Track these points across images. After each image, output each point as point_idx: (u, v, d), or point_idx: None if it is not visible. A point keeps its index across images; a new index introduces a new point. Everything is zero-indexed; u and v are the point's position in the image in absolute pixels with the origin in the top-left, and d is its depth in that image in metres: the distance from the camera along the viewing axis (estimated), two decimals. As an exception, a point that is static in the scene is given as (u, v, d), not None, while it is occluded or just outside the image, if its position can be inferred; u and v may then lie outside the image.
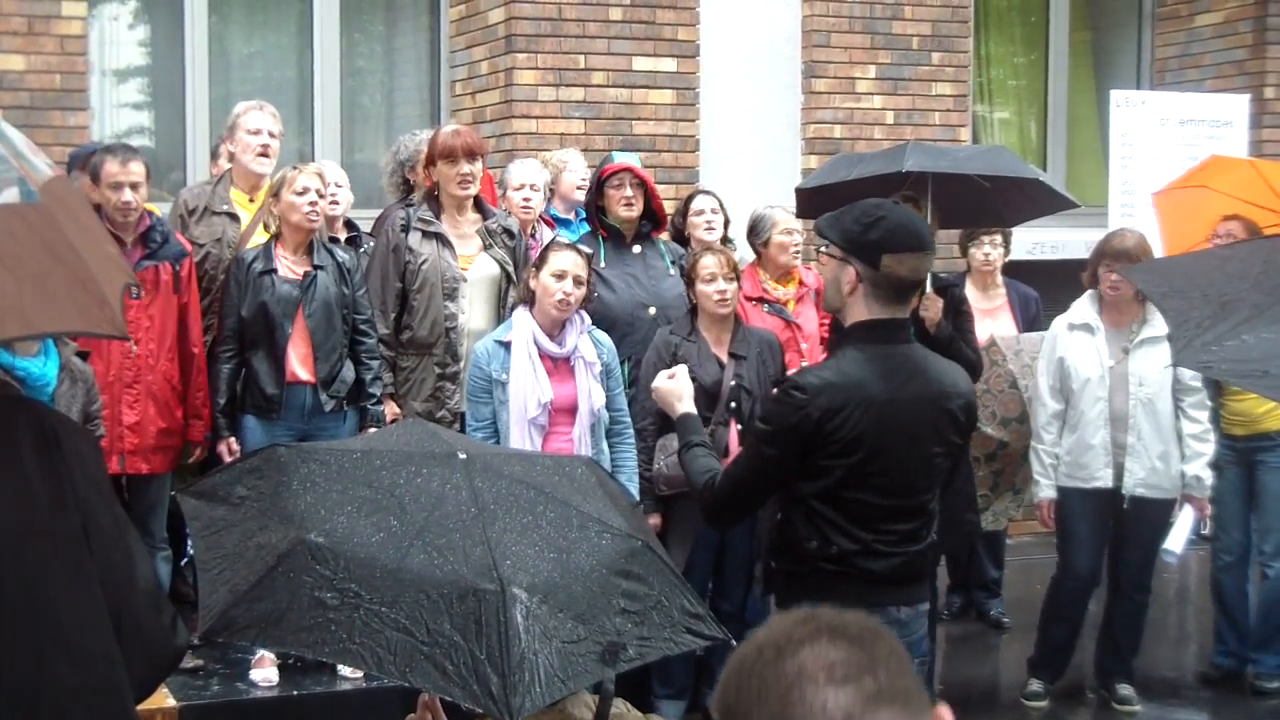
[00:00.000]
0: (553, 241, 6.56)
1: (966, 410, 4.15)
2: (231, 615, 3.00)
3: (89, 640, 2.54)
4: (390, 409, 6.60)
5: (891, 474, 3.98)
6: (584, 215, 7.62)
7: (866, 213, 4.00)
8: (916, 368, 4.09)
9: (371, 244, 7.01)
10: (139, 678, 2.66)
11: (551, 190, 7.75)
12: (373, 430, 6.27)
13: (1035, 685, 7.04)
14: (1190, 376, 6.72)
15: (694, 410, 4.43)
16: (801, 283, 7.32)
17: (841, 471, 3.95)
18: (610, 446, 6.29)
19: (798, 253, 7.34)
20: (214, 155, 7.81)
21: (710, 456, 4.28)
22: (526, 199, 7.40)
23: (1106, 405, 6.69)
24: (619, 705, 3.56)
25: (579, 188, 7.80)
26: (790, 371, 6.54)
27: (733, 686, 1.68)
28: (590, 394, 6.14)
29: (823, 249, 4.11)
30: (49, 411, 2.86)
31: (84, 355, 6.09)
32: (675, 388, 4.41)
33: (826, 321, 7.21)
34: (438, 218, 6.71)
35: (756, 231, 7.39)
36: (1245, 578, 7.36)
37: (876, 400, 3.95)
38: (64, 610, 2.52)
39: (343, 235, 7.04)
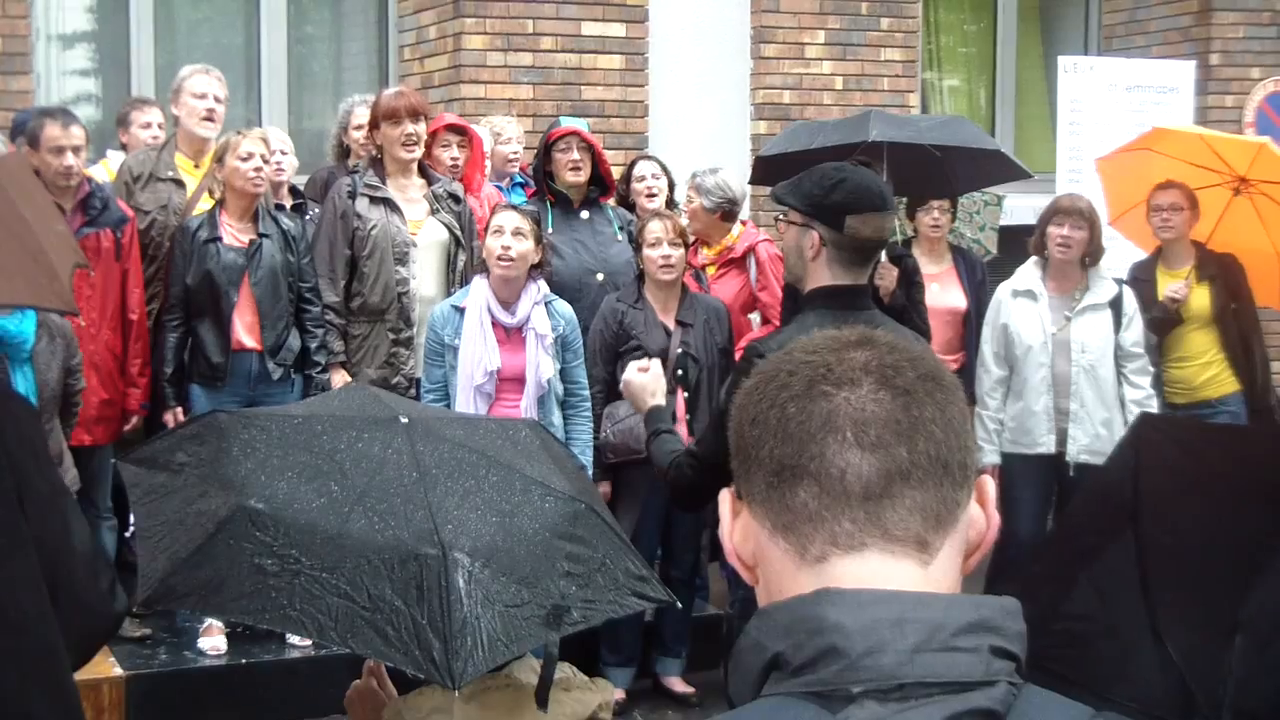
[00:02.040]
0: (496, 205, 6.55)
1: None
2: (171, 583, 2.98)
3: (22, 604, 2.51)
4: (340, 376, 6.56)
5: None
6: (517, 182, 7.64)
7: (827, 175, 3.94)
8: None
9: (315, 210, 6.97)
10: (76, 643, 2.64)
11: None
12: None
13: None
14: (1132, 342, 6.76)
15: (664, 403, 4.33)
16: (729, 248, 7.29)
17: None
18: (565, 418, 6.26)
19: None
20: (120, 122, 7.67)
21: (676, 440, 4.20)
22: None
23: (1049, 371, 6.72)
24: (564, 669, 3.57)
25: (510, 160, 7.81)
26: (746, 339, 6.55)
27: (749, 413, 1.51)
28: (539, 366, 6.12)
29: (781, 216, 4.07)
30: None
31: (61, 311, 6.01)
32: (649, 383, 4.26)
33: (765, 292, 7.21)
34: (383, 183, 6.68)
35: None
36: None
37: None
38: None
39: (288, 202, 6.99)
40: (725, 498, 1.56)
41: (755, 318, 7.36)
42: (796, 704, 1.36)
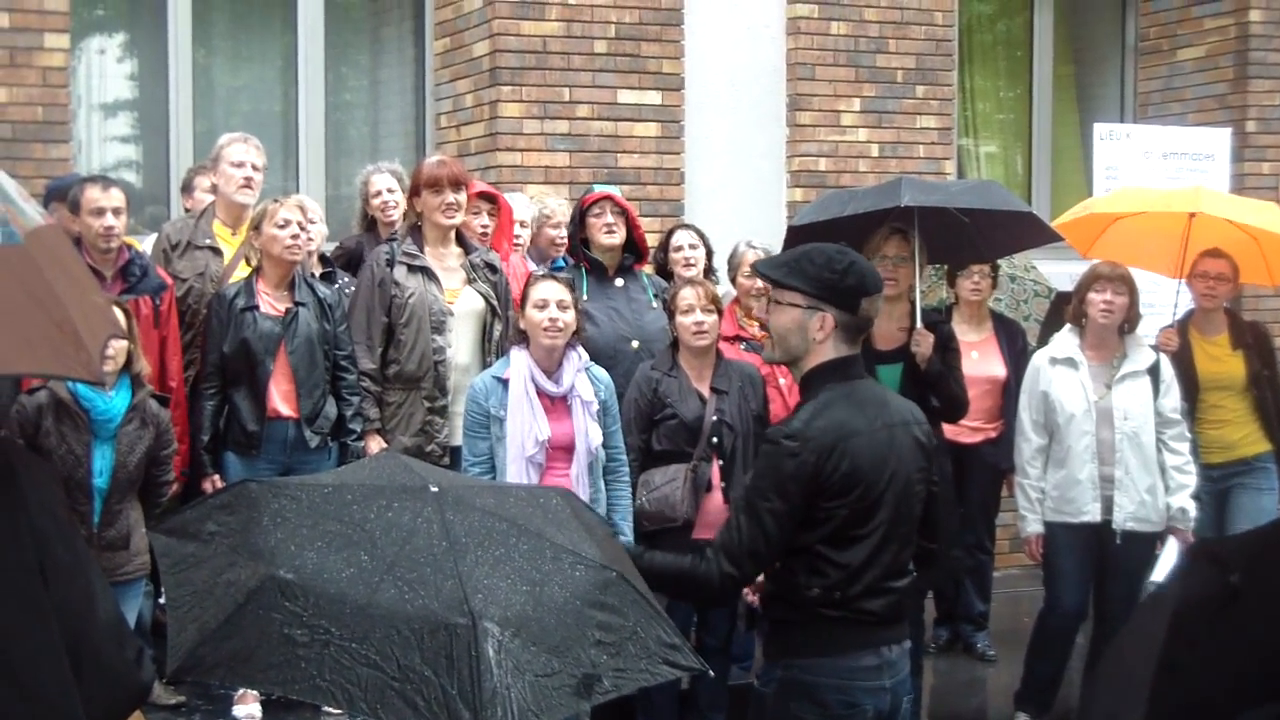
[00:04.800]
0: (530, 276, 6.51)
1: (928, 436, 4.24)
2: (200, 654, 2.97)
3: (42, 677, 2.49)
4: (376, 443, 6.55)
5: (888, 504, 4.02)
6: (558, 266, 7.60)
7: (835, 260, 4.07)
8: (880, 399, 4.20)
9: (346, 278, 6.98)
10: (100, 715, 2.61)
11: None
12: (348, 465, 6.22)
13: (1022, 719, 7.01)
14: (1170, 409, 6.72)
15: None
16: None
17: (846, 510, 3.96)
18: (606, 484, 6.19)
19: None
20: (185, 189, 7.78)
21: (667, 554, 4.29)
22: (515, 235, 7.42)
23: (1094, 439, 6.67)
24: (596, 740, 3.54)
25: (556, 243, 7.73)
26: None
27: None
28: (588, 433, 6.05)
29: (778, 298, 4.12)
30: (7, 443, 2.83)
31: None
32: None
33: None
34: (421, 251, 6.70)
35: (729, 267, 7.41)
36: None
37: (861, 433, 4.01)
38: (14, 646, 2.47)
39: (318, 270, 6.98)
40: None
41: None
42: None
